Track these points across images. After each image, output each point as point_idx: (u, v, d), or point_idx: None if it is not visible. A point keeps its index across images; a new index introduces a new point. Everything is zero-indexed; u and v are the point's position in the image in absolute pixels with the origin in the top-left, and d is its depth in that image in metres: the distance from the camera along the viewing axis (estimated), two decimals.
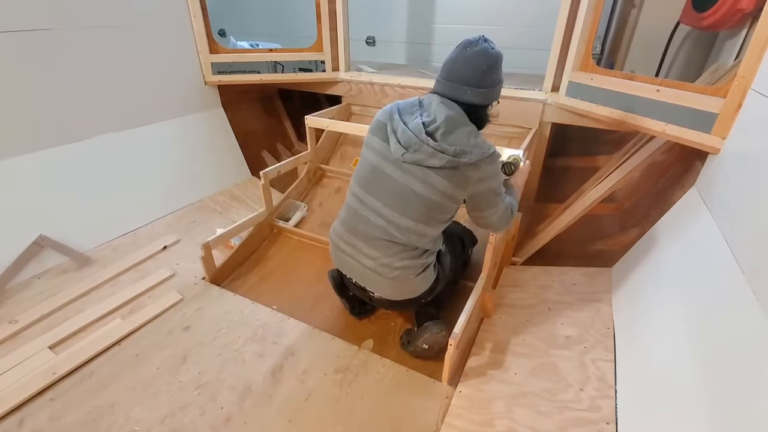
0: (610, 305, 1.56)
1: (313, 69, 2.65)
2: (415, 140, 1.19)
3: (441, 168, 1.19)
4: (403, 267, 1.33)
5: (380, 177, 1.28)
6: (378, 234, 1.31)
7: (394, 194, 1.26)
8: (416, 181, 1.22)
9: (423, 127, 1.19)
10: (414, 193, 1.23)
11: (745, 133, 1.25)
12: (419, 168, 1.21)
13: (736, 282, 1.04)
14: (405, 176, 1.24)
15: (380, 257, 1.33)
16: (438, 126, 1.19)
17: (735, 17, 1.75)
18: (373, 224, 1.31)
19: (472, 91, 1.22)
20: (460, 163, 1.18)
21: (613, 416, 1.18)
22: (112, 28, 2.08)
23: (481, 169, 1.21)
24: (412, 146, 1.20)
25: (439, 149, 1.17)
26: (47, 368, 1.39)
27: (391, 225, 1.28)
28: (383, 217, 1.29)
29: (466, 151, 1.18)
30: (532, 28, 3.00)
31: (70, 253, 1.91)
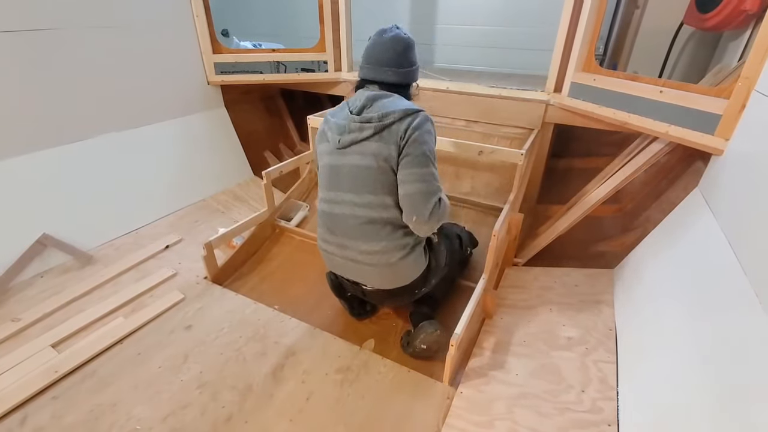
0: (612, 307, 1.56)
1: (316, 69, 2.65)
2: (344, 123, 1.33)
3: (373, 135, 1.29)
4: (382, 250, 1.35)
5: (335, 171, 1.38)
6: (351, 222, 1.36)
7: (348, 178, 1.35)
8: (358, 156, 1.32)
9: (349, 113, 1.34)
10: (360, 168, 1.32)
11: (749, 134, 1.25)
12: (357, 145, 1.32)
13: (738, 284, 1.03)
14: (349, 158, 1.33)
15: (359, 245, 1.37)
16: (362, 105, 1.33)
17: (739, 18, 1.74)
18: (345, 215, 1.37)
19: (392, 71, 1.36)
20: (386, 123, 1.28)
21: (615, 418, 1.17)
22: (115, 28, 2.09)
23: (406, 121, 1.28)
24: (345, 130, 1.33)
25: (365, 120, 1.30)
26: (49, 367, 1.40)
27: (356, 207, 1.34)
28: (349, 203, 1.35)
29: (390, 112, 1.28)
30: (535, 29, 2.99)
31: (72, 252, 1.91)
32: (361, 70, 1.41)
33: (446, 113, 2.40)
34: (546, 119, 2.14)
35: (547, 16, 2.80)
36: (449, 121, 2.41)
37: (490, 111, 2.26)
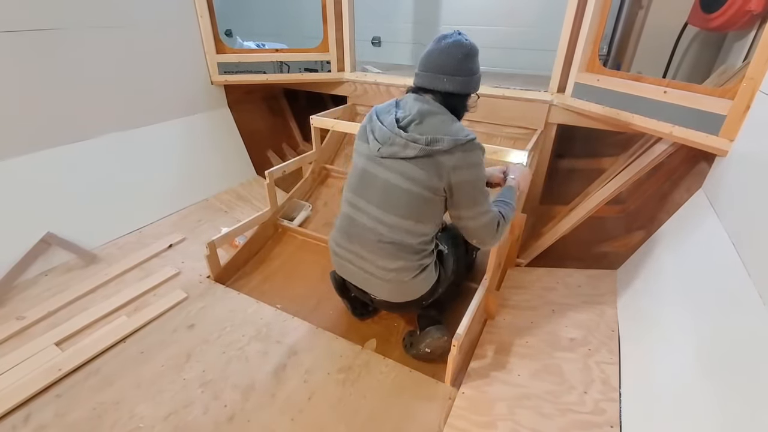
0: (615, 308, 1.55)
1: (319, 69, 2.66)
2: (389, 134, 1.23)
3: (416, 158, 1.20)
4: (398, 269, 1.32)
5: (367, 178, 1.31)
6: (371, 236, 1.32)
7: (380, 192, 1.28)
8: (395, 174, 1.24)
9: (396, 122, 1.24)
10: (395, 188, 1.25)
11: (754, 135, 1.24)
12: (396, 161, 1.23)
13: (742, 285, 1.03)
14: (385, 172, 1.26)
15: (375, 260, 1.34)
16: (411, 119, 1.23)
17: (744, 18, 1.73)
18: (366, 227, 1.32)
19: (448, 79, 1.24)
20: (433, 150, 1.18)
21: (617, 419, 1.17)
22: (118, 28, 2.09)
23: (456, 155, 1.19)
24: (387, 141, 1.23)
25: (411, 139, 1.20)
26: (53, 365, 1.41)
27: (380, 225, 1.29)
28: (373, 217, 1.30)
29: (439, 139, 1.18)
30: (538, 29, 2.99)
31: (76, 251, 1.92)
32: (415, 78, 1.32)
33: None
34: (549, 119, 2.13)
35: (551, 16, 2.79)
36: None
37: (493, 111, 2.25)
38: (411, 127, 1.22)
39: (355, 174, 1.36)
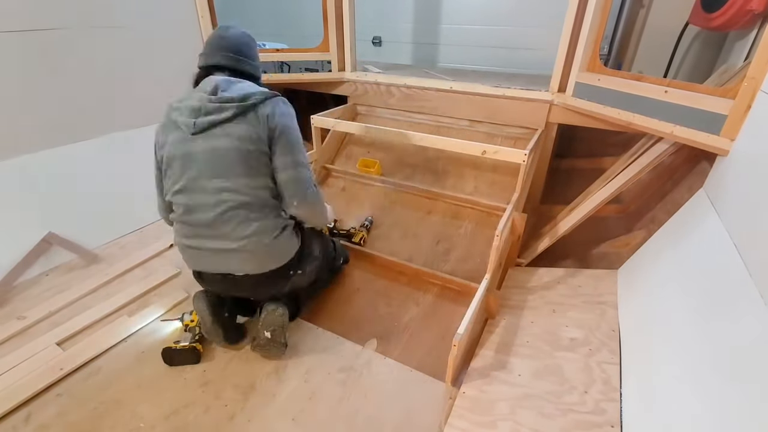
0: (616, 308, 1.55)
1: (320, 69, 2.65)
2: (199, 106, 1.25)
3: (234, 116, 1.25)
4: (256, 232, 1.30)
5: (188, 159, 1.29)
6: (218, 210, 1.28)
7: (208, 163, 1.27)
8: (218, 139, 1.26)
9: (203, 95, 1.27)
10: (226, 150, 1.26)
11: (755, 134, 1.24)
12: (217, 128, 1.26)
13: (744, 285, 1.03)
14: (207, 142, 1.27)
15: (230, 232, 1.29)
16: (216, 87, 1.28)
17: (745, 18, 1.73)
18: (209, 203, 1.29)
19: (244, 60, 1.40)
20: (247, 105, 1.26)
21: (618, 419, 1.17)
22: (119, 28, 2.09)
23: (269, 105, 1.30)
24: (201, 112, 1.25)
25: (224, 100, 1.25)
26: (54, 364, 1.41)
27: (225, 193, 1.28)
28: (212, 190, 1.28)
29: (252, 93, 1.28)
30: (539, 29, 2.98)
31: (78, 251, 1.93)
32: (205, 57, 1.39)
33: (450, 113, 2.40)
34: (550, 119, 2.13)
35: (552, 16, 2.78)
36: (453, 120, 2.41)
37: (493, 111, 2.25)
38: (219, 94, 1.27)
39: (175, 164, 1.31)
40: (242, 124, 1.26)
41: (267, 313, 1.42)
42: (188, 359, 1.44)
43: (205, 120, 1.25)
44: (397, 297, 1.81)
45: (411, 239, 2.11)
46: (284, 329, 1.42)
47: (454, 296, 1.80)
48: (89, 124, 2.08)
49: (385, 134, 2.22)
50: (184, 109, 1.28)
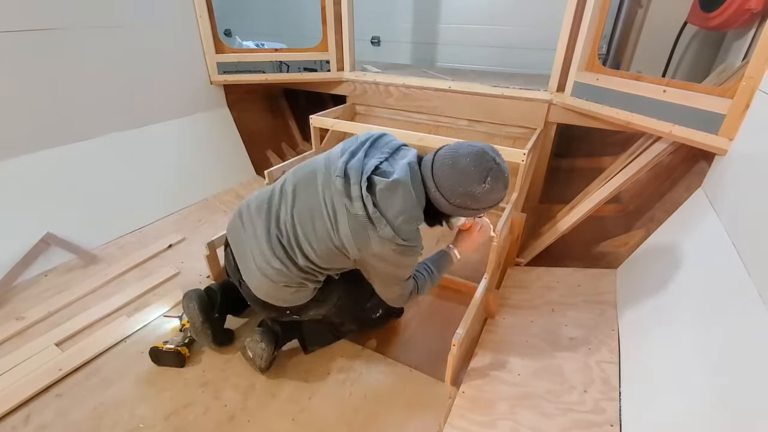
0: (615, 307, 1.56)
1: (318, 69, 2.65)
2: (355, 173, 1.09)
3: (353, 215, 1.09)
4: (278, 271, 1.20)
5: (311, 184, 1.19)
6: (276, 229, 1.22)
7: (307, 206, 1.18)
8: (329, 205, 1.14)
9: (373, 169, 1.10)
10: (319, 214, 1.15)
11: (753, 134, 1.24)
12: (338, 196, 1.11)
13: (742, 284, 1.03)
14: (324, 193, 1.15)
15: (264, 249, 1.21)
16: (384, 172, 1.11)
17: (743, 17, 1.73)
18: (279, 218, 1.22)
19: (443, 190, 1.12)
20: (368, 225, 1.08)
21: (617, 418, 1.17)
22: (117, 28, 2.09)
23: (385, 246, 1.10)
24: (350, 177, 1.10)
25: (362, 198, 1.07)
26: (53, 365, 1.41)
27: (290, 229, 1.20)
28: (289, 219, 1.20)
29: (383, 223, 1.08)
30: (537, 28, 2.98)
31: (76, 251, 1.92)
32: None
33: (449, 113, 2.40)
34: (549, 119, 2.13)
35: (550, 15, 2.79)
36: (452, 120, 2.41)
37: (492, 110, 2.25)
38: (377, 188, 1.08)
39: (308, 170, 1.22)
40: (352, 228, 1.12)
41: (251, 339, 1.38)
42: (172, 362, 1.42)
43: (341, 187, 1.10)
44: None
45: None
46: (263, 359, 1.35)
47: (453, 296, 1.80)
48: (89, 124, 2.08)
49: None
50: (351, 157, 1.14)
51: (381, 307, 1.50)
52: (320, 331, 1.50)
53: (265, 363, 1.37)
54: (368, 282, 1.30)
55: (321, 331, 1.51)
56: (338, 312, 1.43)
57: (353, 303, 1.44)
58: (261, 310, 1.35)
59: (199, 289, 1.48)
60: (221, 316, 1.52)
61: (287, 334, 1.45)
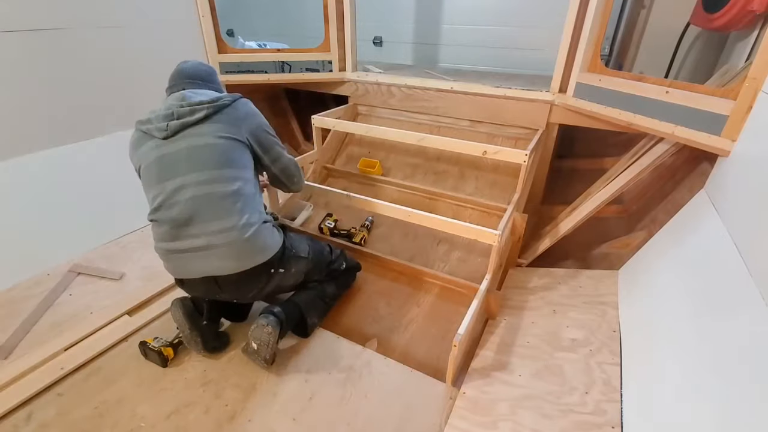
0: (617, 308, 1.55)
1: (320, 69, 2.66)
2: (170, 111, 1.32)
3: (206, 117, 1.33)
4: (236, 226, 1.30)
5: (163, 161, 1.32)
6: (198, 203, 1.29)
7: (187, 161, 1.30)
8: (192, 138, 1.31)
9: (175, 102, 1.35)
10: (200, 147, 1.31)
11: (756, 135, 1.24)
12: (190, 128, 1.32)
13: (744, 285, 1.03)
14: (181, 142, 1.31)
15: (211, 225, 1.29)
16: (183, 96, 1.36)
17: (746, 18, 1.73)
18: (188, 199, 1.29)
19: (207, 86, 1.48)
20: (219, 105, 1.35)
21: (619, 420, 1.17)
22: (120, 28, 2.10)
23: (239, 107, 1.41)
24: (173, 116, 1.31)
25: (196, 103, 1.33)
26: (55, 363, 1.41)
27: (202, 186, 1.29)
28: (191, 185, 1.29)
29: (220, 97, 1.37)
30: (540, 29, 2.98)
31: (104, 274, 1.87)
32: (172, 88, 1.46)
33: (451, 113, 2.40)
34: (551, 119, 2.13)
35: (553, 16, 2.79)
36: (454, 121, 2.41)
37: (494, 111, 2.25)
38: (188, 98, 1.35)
39: (151, 169, 1.34)
40: (217, 123, 1.34)
41: (256, 326, 1.37)
42: (156, 360, 1.43)
43: (178, 123, 1.31)
44: (398, 297, 1.81)
45: (412, 240, 2.11)
46: (269, 347, 1.36)
47: (454, 296, 1.80)
48: (90, 124, 2.08)
49: (386, 134, 2.22)
50: (154, 118, 1.34)
51: (342, 259, 1.74)
52: (312, 299, 1.58)
53: (271, 351, 1.37)
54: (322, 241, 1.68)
55: (312, 299, 1.59)
56: (314, 265, 1.58)
57: (320, 252, 1.63)
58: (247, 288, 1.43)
59: (186, 297, 1.48)
60: (211, 323, 1.51)
61: (288, 312, 1.46)
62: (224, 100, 1.36)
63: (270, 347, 1.36)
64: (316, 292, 1.61)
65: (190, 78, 1.46)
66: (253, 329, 1.38)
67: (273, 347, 1.37)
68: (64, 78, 1.94)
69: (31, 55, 1.81)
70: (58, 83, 1.92)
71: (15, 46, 1.76)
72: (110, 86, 2.12)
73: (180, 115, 1.31)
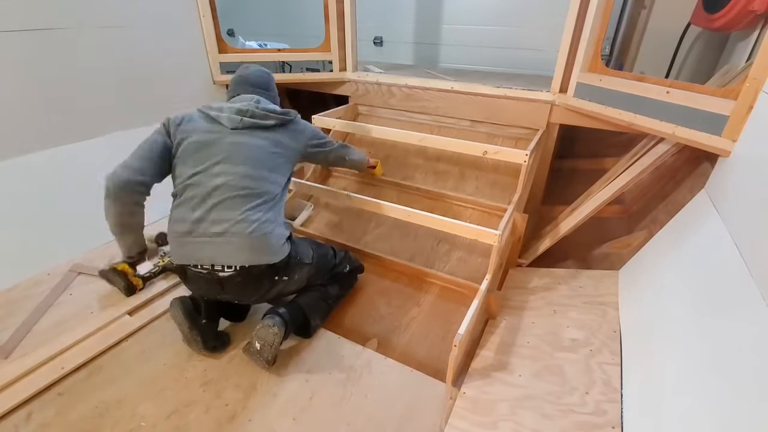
0: (617, 308, 1.55)
1: (321, 69, 2.66)
2: (246, 108, 1.48)
3: (274, 126, 1.53)
4: (260, 220, 1.37)
5: (221, 147, 1.43)
6: (230, 193, 1.37)
7: (240, 153, 1.43)
8: (256, 138, 1.48)
9: (251, 102, 1.53)
10: (257, 148, 1.47)
11: (757, 135, 1.24)
12: (257, 130, 1.49)
13: (745, 286, 1.03)
14: (245, 137, 1.46)
15: (236, 215, 1.35)
16: (258, 99, 1.58)
17: (747, 18, 1.73)
18: (224, 187, 1.37)
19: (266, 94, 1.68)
20: (286, 119, 1.57)
21: (619, 420, 1.17)
22: (120, 28, 2.10)
23: (299, 123, 1.65)
24: (247, 114, 1.47)
25: (269, 111, 1.53)
26: (55, 363, 1.41)
27: (243, 179, 1.39)
28: (233, 175, 1.39)
29: (287, 112, 1.59)
30: (540, 29, 2.98)
31: None
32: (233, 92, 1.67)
33: (451, 113, 2.40)
34: (551, 120, 2.13)
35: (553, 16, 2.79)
36: (454, 121, 2.41)
37: (495, 111, 2.25)
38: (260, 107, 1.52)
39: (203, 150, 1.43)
40: (282, 133, 1.55)
41: (262, 326, 1.38)
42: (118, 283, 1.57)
43: (250, 121, 1.47)
44: (398, 297, 1.81)
45: (412, 239, 2.11)
46: (273, 348, 1.36)
47: (454, 296, 1.80)
48: (90, 124, 2.08)
49: (386, 134, 2.22)
50: (227, 108, 1.48)
51: (346, 261, 1.77)
52: (315, 301, 1.60)
53: (273, 352, 1.37)
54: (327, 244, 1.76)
55: (315, 300, 1.60)
56: (317, 271, 1.60)
57: (324, 256, 1.66)
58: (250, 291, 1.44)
59: (184, 296, 1.49)
60: (211, 322, 1.51)
61: (292, 313, 1.47)
62: (290, 115, 1.59)
63: (273, 348, 1.36)
64: (319, 294, 1.61)
65: (254, 86, 1.66)
66: (258, 329, 1.38)
67: (276, 348, 1.37)
68: (65, 78, 1.94)
69: (31, 55, 1.81)
70: (59, 83, 1.92)
71: (15, 46, 1.76)
72: (110, 86, 2.12)
73: (255, 116, 1.48)
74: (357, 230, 2.22)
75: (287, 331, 1.42)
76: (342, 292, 1.75)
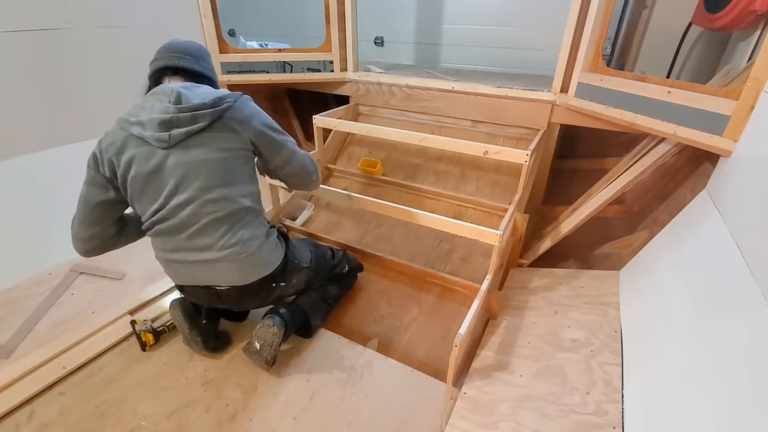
0: (618, 309, 1.55)
1: (322, 69, 2.66)
2: (170, 118, 1.16)
3: (211, 124, 1.19)
4: (242, 240, 1.26)
5: (164, 174, 1.20)
6: (203, 221, 1.22)
7: (195, 174, 1.20)
8: (195, 150, 1.19)
9: (170, 105, 1.17)
10: (202, 162, 1.20)
11: (758, 135, 1.23)
12: (193, 138, 1.19)
13: (746, 286, 1.02)
14: (182, 154, 1.19)
15: (214, 242, 1.24)
16: (179, 95, 1.18)
17: (748, 18, 1.72)
18: (194, 216, 1.22)
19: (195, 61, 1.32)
20: (221, 111, 1.21)
21: (620, 421, 1.17)
22: (121, 28, 2.10)
23: (243, 110, 1.27)
24: (173, 124, 1.16)
25: (196, 108, 1.17)
26: (57, 363, 1.41)
27: (210, 204, 1.22)
28: (197, 203, 1.21)
29: (221, 98, 1.22)
30: (541, 29, 2.98)
31: (105, 274, 1.89)
32: (159, 61, 1.30)
33: (452, 113, 2.39)
34: (552, 120, 2.13)
35: (554, 16, 2.78)
36: (455, 121, 2.41)
37: (496, 111, 2.25)
38: (185, 101, 1.18)
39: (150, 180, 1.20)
40: (221, 132, 1.22)
41: (262, 326, 1.38)
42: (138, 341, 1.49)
43: (180, 132, 1.17)
44: (399, 297, 1.81)
45: (412, 239, 2.11)
46: (273, 348, 1.36)
47: (455, 296, 1.80)
48: (90, 124, 2.08)
49: (387, 134, 2.22)
50: (149, 123, 1.17)
51: (344, 262, 1.73)
52: (315, 301, 1.59)
53: (273, 352, 1.37)
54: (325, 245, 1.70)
55: (315, 301, 1.59)
56: (316, 273, 1.57)
57: (322, 257, 1.62)
58: (249, 300, 1.45)
59: (184, 297, 1.48)
60: (211, 322, 1.51)
61: (292, 314, 1.46)
62: (226, 102, 1.22)
63: (273, 348, 1.36)
64: (319, 294, 1.61)
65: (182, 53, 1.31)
66: (258, 329, 1.38)
67: (276, 348, 1.37)
68: (65, 78, 1.94)
69: (31, 55, 1.81)
70: (59, 83, 1.93)
71: (15, 46, 1.76)
72: (111, 86, 2.12)
73: (181, 123, 1.17)
74: (358, 230, 2.22)
75: (287, 332, 1.42)
76: (342, 291, 1.74)
